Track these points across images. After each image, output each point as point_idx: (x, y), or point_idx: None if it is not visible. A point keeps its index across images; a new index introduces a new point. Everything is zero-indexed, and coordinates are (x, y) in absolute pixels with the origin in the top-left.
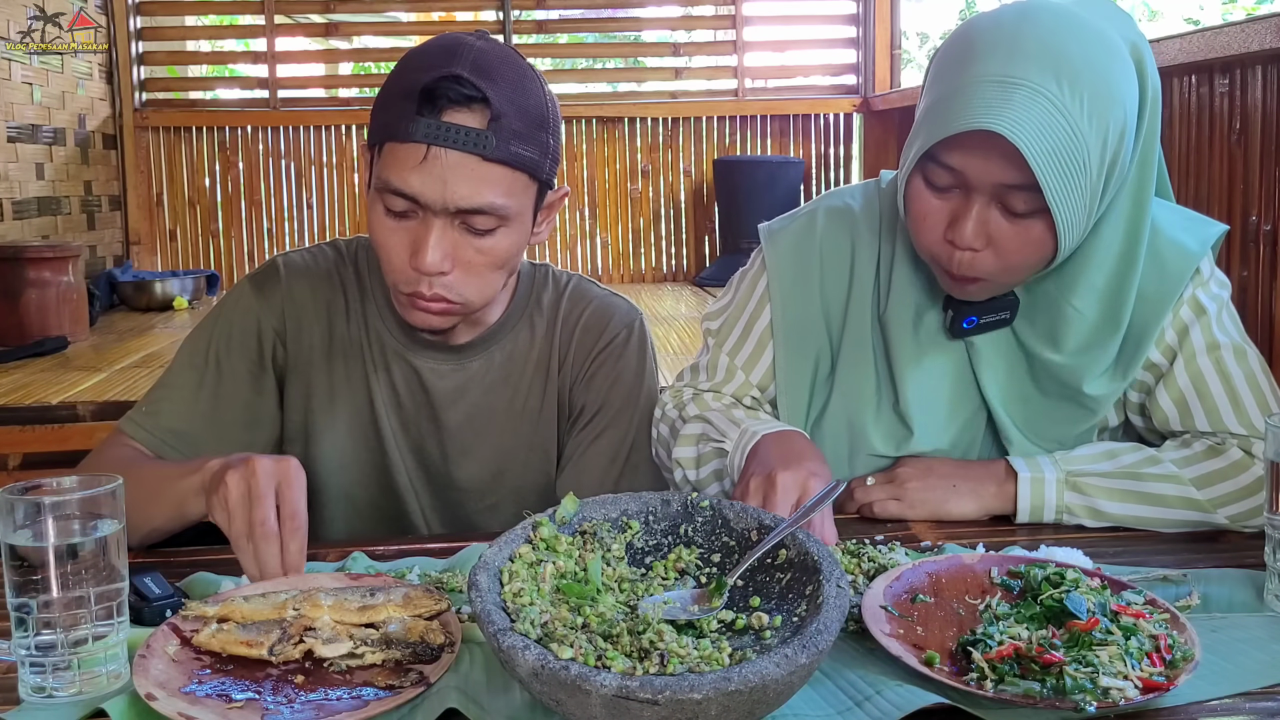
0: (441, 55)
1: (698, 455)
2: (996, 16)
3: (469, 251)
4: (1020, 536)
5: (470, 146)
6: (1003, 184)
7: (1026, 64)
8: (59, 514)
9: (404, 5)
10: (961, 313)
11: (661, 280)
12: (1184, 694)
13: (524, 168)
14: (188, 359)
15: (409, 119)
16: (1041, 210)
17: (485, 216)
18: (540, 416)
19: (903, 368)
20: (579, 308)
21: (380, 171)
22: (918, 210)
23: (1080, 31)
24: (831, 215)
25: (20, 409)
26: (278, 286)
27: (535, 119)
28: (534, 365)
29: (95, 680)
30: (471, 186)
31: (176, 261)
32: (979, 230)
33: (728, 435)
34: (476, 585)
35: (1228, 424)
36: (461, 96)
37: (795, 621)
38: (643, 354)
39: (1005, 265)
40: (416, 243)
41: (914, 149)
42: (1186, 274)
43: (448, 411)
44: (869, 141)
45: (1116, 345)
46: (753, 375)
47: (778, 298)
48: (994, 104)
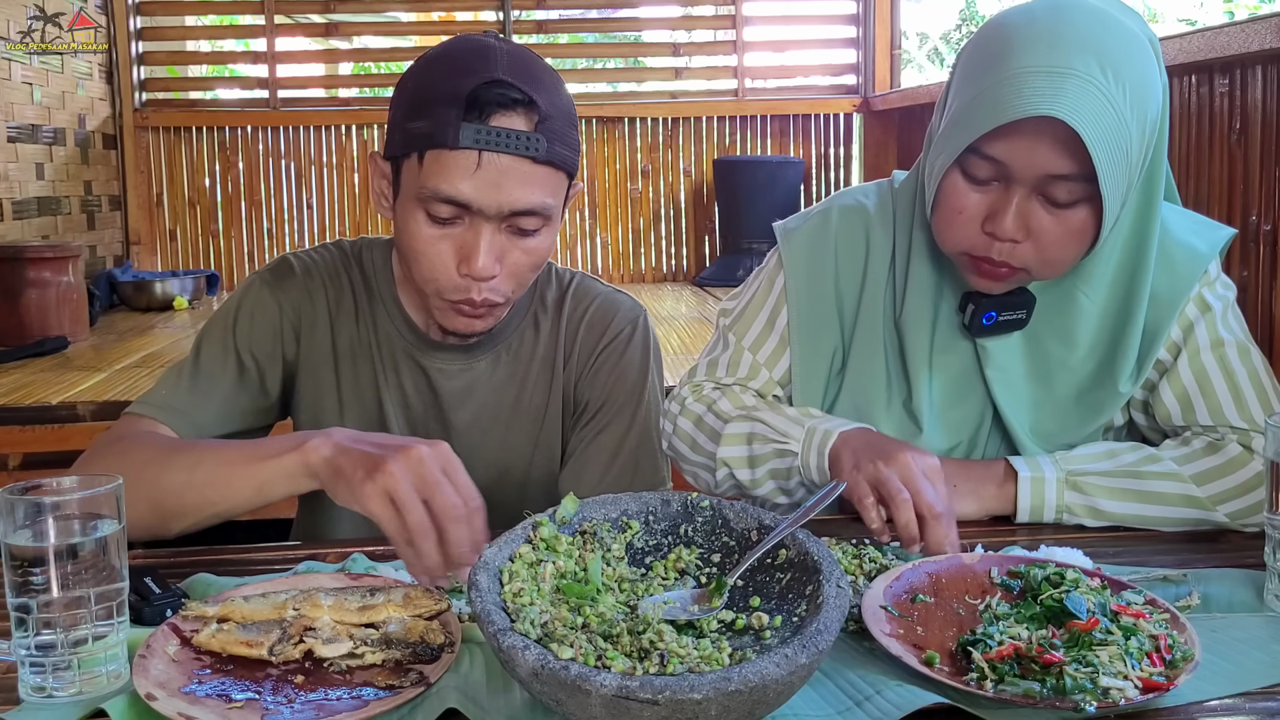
0: (475, 59)
1: (749, 455)
2: (1028, 12)
3: (516, 253)
4: (1020, 536)
5: (523, 150)
6: (1049, 174)
7: (1071, 54)
8: (59, 514)
9: (404, 5)
10: (982, 308)
11: (661, 280)
12: (1184, 694)
13: (565, 166)
14: (212, 348)
15: (454, 125)
16: (1082, 201)
17: (534, 217)
18: (546, 414)
19: (916, 366)
20: (583, 304)
21: (425, 180)
22: (953, 204)
23: (1115, 25)
24: (846, 213)
25: (20, 409)
26: (294, 282)
27: (569, 117)
28: (540, 363)
29: (95, 680)
30: (524, 189)
31: (176, 261)
32: (1019, 222)
33: (790, 435)
34: (476, 585)
35: (1229, 418)
36: (508, 100)
37: (795, 621)
38: (646, 350)
39: (1045, 257)
40: (465, 249)
41: (953, 143)
42: (1196, 275)
43: (456, 411)
44: (869, 141)
45: (1137, 344)
46: (775, 372)
47: (794, 294)
48: (1047, 92)
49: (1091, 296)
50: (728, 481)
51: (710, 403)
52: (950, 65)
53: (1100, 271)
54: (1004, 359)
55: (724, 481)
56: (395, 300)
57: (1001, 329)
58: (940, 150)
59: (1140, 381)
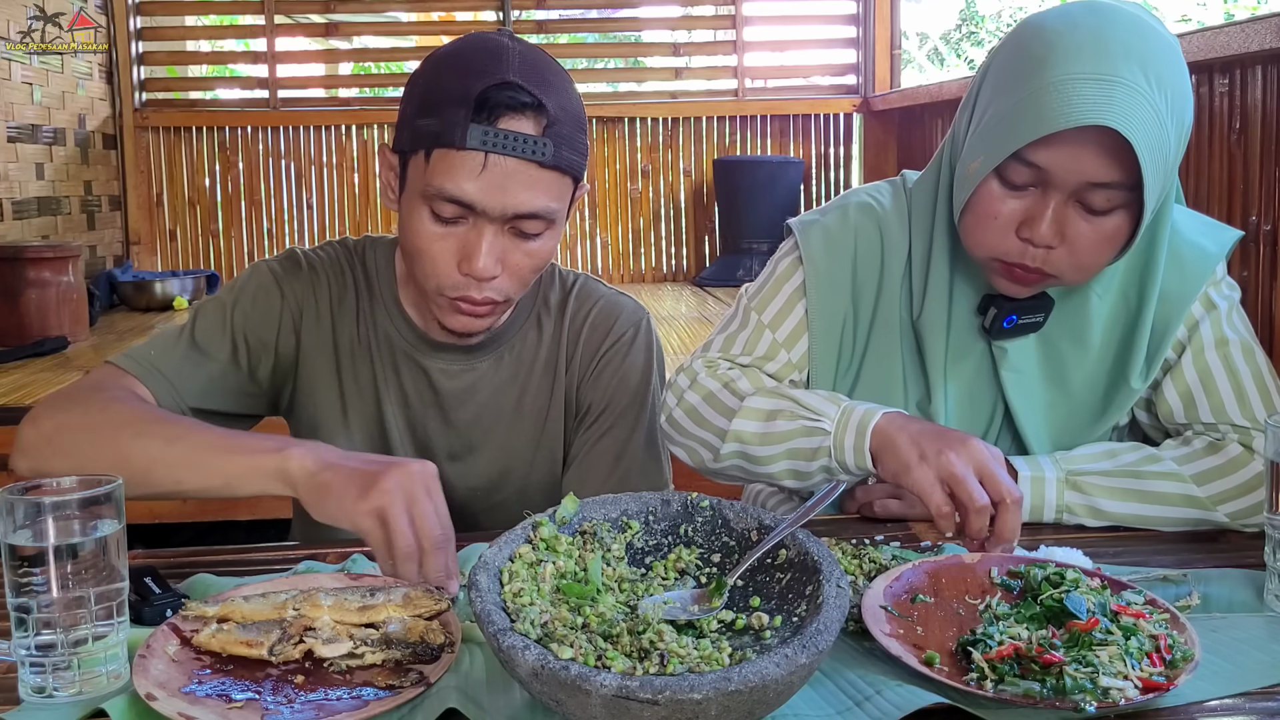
0: (487, 59)
1: (766, 431)
2: (1069, 16)
3: (518, 255)
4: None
5: (529, 154)
6: (1090, 181)
7: (1116, 62)
8: (59, 514)
9: (404, 5)
10: (1004, 311)
11: (661, 280)
12: (1184, 694)
13: (571, 171)
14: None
15: (462, 126)
16: (1118, 208)
17: (537, 220)
18: (548, 416)
19: (934, 367)
20: (586, 306)
21: (430, 179)
22: (986, 209)
23: (1152, 31)
24: (862, 211)
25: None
26: (300, 274)
27: (578, 121)
28: (542, 364)
29: (95, 680)
30: (529, 193)
31: (176, 261)
32: (1055, 229)
33: (824, 413)
34: (476, 585)
35: (1231, 415)
36: (517, 103)
37: (795, 621)
38: (649, 353)
39: (1077, 263)
40: (467, 249)
41: (993, 149)
42: (1205, 275)
43: (456, 411)
44: (869, 141)
45: (1145, 343)
46: (793, 354)
47: (813, 288)
48: (1099, 101)
49: (1104, 297)
50: (732, 458)
51: (728, 380)
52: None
53: (1111, 272)
54: (1019, 360)
55: (727, 458)
56: (396, 300)
57: (1019, 331)
58: (976, 154)
59: (1150, 380)
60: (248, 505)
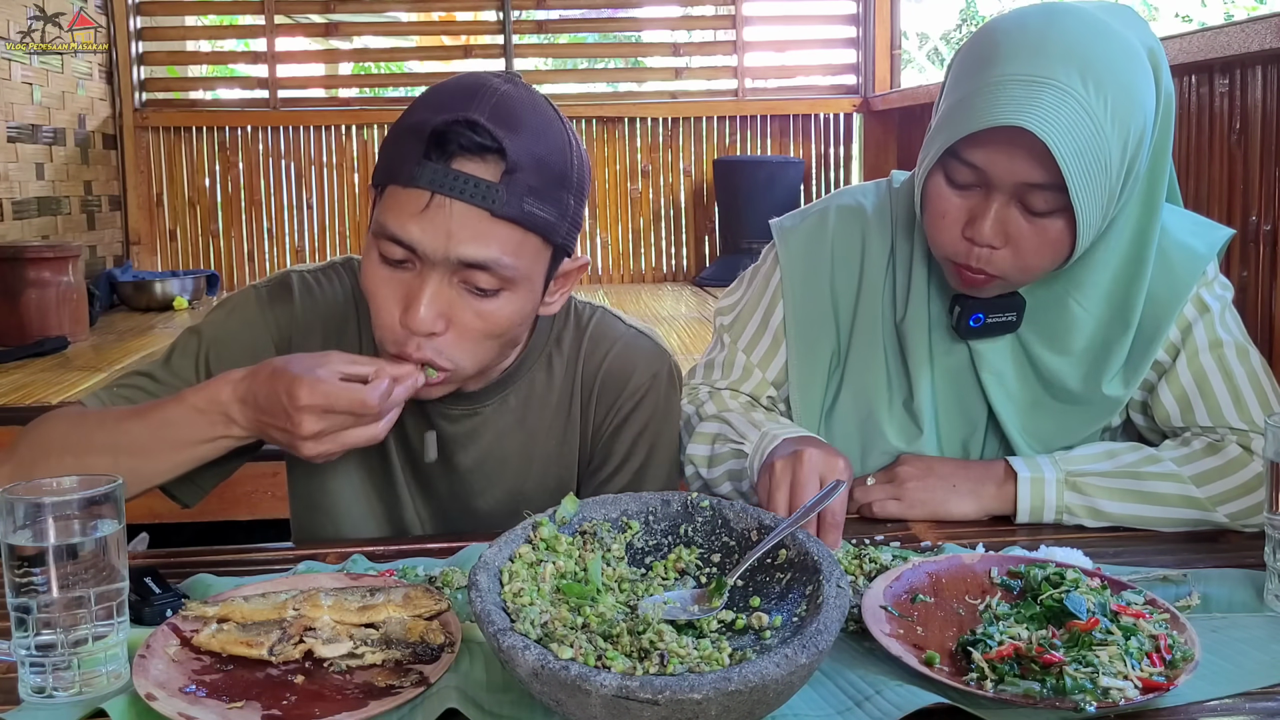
0: (460, 96)
1: (711, 454)
2: (1021, 18)
3: (467, 314)
4: (1020, 536)
5: (477, 199)
6: (1025, 183)
7: (1053, 64)
8: (59, 514)
9: (404, 5)
10: (969, 309)
11: (661, 280)
12: (1184, 694)
13: (536, 229)
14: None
15: (414, 162)
16: (1060, 210)
17: (488, 275)
18: (559, 459)
19: (917, 367)
20: (602, 349)
21: (379, 215)
22: (936, 207)
23: (1105, 35)
24: (843, 213)
25: (20, 409)
26: (289, 303)
27: (556, 176)
28: (553, 409)
29: (95, 680)
30: (476, 243)
31: (176, 261)
32: (998, 229)
33: (747, 437)
34: (476, 585)
35: (1228, 418)
36: (474, 144)
37: (795, 621)
38: (669, 405)
39: (1021, 264)
40: (409, 297)
41: (935, 146)
42: (1195, 276)
43: (459, 455)
44: (869, 141)
45: (1126, 348)
46: (769, 373)
47: (790, 294)
48: (1022, 102)
49: (1086, 305)
50: (695, 481)
51: (699, 404)
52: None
53: (1095, 279)
54: (996, 362)
55: (691, 480)
56: None
57: (991, 331)
58: (925, 152)
59: (1136, 384)
60: (248, 505)
